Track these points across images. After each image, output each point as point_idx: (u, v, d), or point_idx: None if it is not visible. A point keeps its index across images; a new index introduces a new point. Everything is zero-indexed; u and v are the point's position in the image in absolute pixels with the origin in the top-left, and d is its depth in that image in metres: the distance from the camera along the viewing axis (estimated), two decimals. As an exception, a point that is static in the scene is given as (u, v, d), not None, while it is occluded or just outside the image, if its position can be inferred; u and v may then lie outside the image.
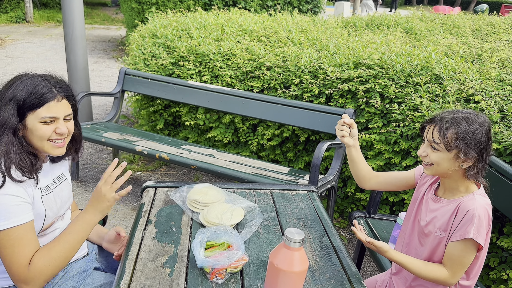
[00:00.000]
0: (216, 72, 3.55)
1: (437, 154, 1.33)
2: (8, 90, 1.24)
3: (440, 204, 1.41)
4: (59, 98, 1.27)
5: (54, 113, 1.26)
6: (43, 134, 1.26)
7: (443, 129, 1.30)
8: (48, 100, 1.24)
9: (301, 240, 0.93)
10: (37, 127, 1.24)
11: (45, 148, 1.29)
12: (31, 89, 1.23)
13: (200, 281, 1.22)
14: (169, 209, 1.61)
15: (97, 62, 8.15)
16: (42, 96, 1.23)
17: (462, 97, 2.61)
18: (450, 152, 1.30)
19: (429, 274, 1.34)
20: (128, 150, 3.18)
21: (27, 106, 1.22)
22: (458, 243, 1.30)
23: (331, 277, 1.28)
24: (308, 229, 1.56)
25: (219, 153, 3.20)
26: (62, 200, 1.44)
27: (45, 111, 1.24)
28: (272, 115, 3.16)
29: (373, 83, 2.84)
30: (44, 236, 1.37)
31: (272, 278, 0.96)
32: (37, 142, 1.27)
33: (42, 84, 1.25)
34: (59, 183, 1.45)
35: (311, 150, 3.29)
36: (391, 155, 2.74)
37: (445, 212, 1.37)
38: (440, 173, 1.37)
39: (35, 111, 1.23)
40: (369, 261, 2.83)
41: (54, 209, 1.38)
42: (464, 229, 1.28)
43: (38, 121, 1.24)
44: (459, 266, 1.32)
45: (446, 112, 1.35)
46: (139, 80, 3.75)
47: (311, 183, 2.51)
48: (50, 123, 1.27)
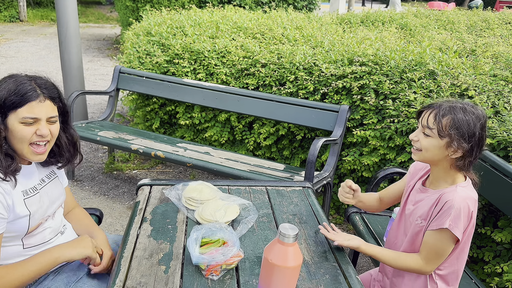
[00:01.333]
0: (211, 70, 3.55)
1: (429, 140, 1.33)
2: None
3: (426, 194, 1.43)
4: (41, 98, 1.23)
5: (35, 114, 1.22)
6: (23, 135, 1.21)
7: (439, 115, 1.29)
8: (30, 99, 1.20)
9: (295, 235, 0.93)
10: (18, 128, 1.20)
11: (24, 152, 1.25)
12: (14, 88, 1.20)
13: (196, 278, 1.22)
14: (164, 206, 1.61)
15: (91, 61, 8.12)
16: (23, 96, 1.19)
17: (456, 92, 2.62)
18: (442, 140, 1.30)
19: (402, 264, 1.38)
20: (123, 149, 3.18)
21: (7, 105, 1.19)
22: (435, 232, 1.32)
23: (326, 272, 1.29)
24: (303, 225, 1.56)
25: (215, 150, 3.20)
26: (50, 199, 1.40)
27: (26, 111, 1.20)
28: (268, 112, 3.17)
29: (367, 79, 2.85)
30: (33, 237, 1.34)
31: (266, 274, 0.96)
32: (17, 144, 1.23)
33: (27, 84, 1.22)
34: (48, 182, 1.42)
35: (306, 147, 3.30)
36: (386, 151, 2.75)
37: (428, 201, 1.39)
38: (427, 160, 1.38)
39: (16, 111, 1.19)
40: (365, 257, 2.85)
41: (41, 211, 1.34)
42: (441, 219, 1.30)
43: (19, 121, 1.20)
44: (434, 255, 1.34)
45: (445, 101, 1.35)
46: (134, 78, 3.74)
47: (307, 179, 2.52)
48: (32, 125, 1.22)
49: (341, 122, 2.85)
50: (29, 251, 1.34)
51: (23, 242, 1.31)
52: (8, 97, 1.19)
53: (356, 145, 3.02)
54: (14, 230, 1.26)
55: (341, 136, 2.85)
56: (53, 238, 1.42)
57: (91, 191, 3.46)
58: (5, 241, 1.27)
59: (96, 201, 3.31)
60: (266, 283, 0.97)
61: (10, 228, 1.25)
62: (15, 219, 1.25)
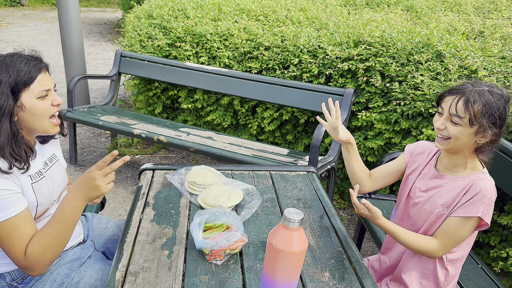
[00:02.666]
0: (214, 53, 3.49)
1: (458, 128, 1.25)
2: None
3: (443, 180, 1.37)
4: (43, 70, 1.25)
5: (46, 85, 1.23)
6: (44, 109, 1.23)
7: (469, 103, 1.21)
8: (37, 73, 1.21)
9: (300, 220, 0.91)
10: (37, 104, 1.21)
11: (45, 127, 1.26)
12: (17, 68, 1.19)
13: (199, 262, 1.21)
14: (167, 191, 1.59)
15: (93, 45, 8.05)
16: (30, 72, 1.20)
17: (464, 74, 2.57)
18: (472, 127, 1.23)
19: (418, 245, 1.32)
20: (126, 133, 3.15)
21: (20, 85, 1.18)
22: (460, 219, 1.28)
23: (331, 257, 1.27)
24: (308, 209, 1.54)
25: (218, 135, 3.17)
26: (55, 183, 1.39)
27: (38, 85, 1.21)
28: (271, 96, 3.12)
29: (373, 61, 2.79)
30: (39, 223, 1.34)
31: (271, 259, 0.94)
32: (37, 121, 1.23)
33: (23, 61, 1.21)
34: (51, 165, 1.40)
35: (310, 132, 3.26)
36: (392, 135, 2.71)
37: (452, 189, 1.33)
38: (455, 148, 1.30)
39: (29, 88, 1.19)
40: (369, 241, 2.84)
41: (47, 196, 1.33)
42: (474, 207, 1.25)
43: (35, 97, 1.21)
44: (452, 241, 1.30)
45: (468, 84, 1.27)
46: (136, 62, 3.69)
47: (311, 164, 2.49)
48: (46, 97, 1.24)
49: (346, 105, 2.80)
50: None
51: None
52: (17, 78, 1.18)
53: (361, 129, 2.98)
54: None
55: (346, 120, 2.81)
56: None
57: (94, 176, 3.45)
58: None
59: (100, 186, 3.30)
60: (271, 269, 0.95)
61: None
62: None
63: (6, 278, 1.31)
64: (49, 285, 1.31)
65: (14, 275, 1.31)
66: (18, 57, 1.21)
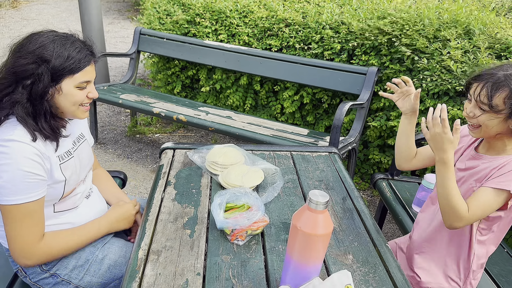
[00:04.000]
0: (233, 31, 3.43)
1: (486, 115, 1.19)
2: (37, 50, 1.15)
3: (481, 160, 1.31)
4: (92, 62, 1.25)
5: (88, 77, 1.24)
6: (78, 99, 1.23)
7: (495, 88, 1.16)
8: (86, 65, 1.22)
9: (325, 202, 0.88)
10: (73, 93, 1.21)
11: (75, 113, 1.27)
12: (67, 54, 1.17)
13: (221, 242, 1.20)
14: (188, 170, 1.59)
15: (112, 23, 8.04)
16: (80, 62, 1.20)
17: (494, 52, 2.46)
18: (501, 113, 1.17)
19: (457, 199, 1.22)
20: (145, 112, 3.16)
21: (66, 70, 1.17)
22: (491, 190, 1.21)
23: (354, 240, 1.25)
24: (330, 191, 1.51)
25: (237, 115, 3.15)
26: (82, 163, 1.39)
27: (82, 75, 1.21)
28: (291, 75, 3.07)
29: (399, 38, 2.69)
30: (64, 202, 1.34)
31: (295, 241, 0.93)
32: (69, 107, 1.23)
33: (77, 49, 1.20)
34: (79, 145, 1.40)
35: (331, 113, 3.20)
36: (416, 115, 2.64)
37: (487, 165, 1.28)
38: (489, 135, 1.25)
39: (73, 76, 1.19)
40: (390, 223, 2.81)
41: (75, 176, 1.33)
42: (507, 181, 1.19)
43: (75, 85, 1.21)
44: (479, 210, 1.22)
45: (496, 68, 1.21)
46: (155, 40, 3.67)
47: (332, 144, 2.45)
48: (84, 88, 1.24)
49: (369, 85, 2.73)
50: (59, 215, 1.33)
51: (54, 207, 1.31)
52: (64, 63, 1.17)
53: (383, 109, 2.90)
54: (50, 194, 1.25)
55: (368, 100, 2.75)
56: (80, 203, 1.42)
57: (114, 154, 3.49)
58: None
59: (120, 164, 3.34)
60: (295, 251, 0.93)
61: (47, 192, 1.24)
62: (52, 184, 1.24)
63: None
64: (74, 262, 1.33)
65: None
66: (72, 42, 1.20)
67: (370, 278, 1.09)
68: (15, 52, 1.18)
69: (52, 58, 1.15)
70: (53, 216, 1.32)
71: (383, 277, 1.10)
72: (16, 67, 1.15)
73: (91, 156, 1.49)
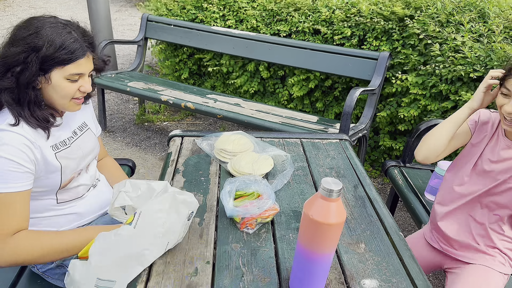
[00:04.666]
0: (241, 16, 3.38)
1: None
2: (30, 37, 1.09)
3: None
4: (87, 54, 1.17)
5: (82, 70, 1.16)
6: (68, 92, 1.17)
7: None
8: (79, 57, 1.14)
9: (338, 190, 0.85)
10: (63, 85, 1.15)
11: (65, 106, 1.20)
12: (60, 43, 1.10)
13: (230, 230, 1.18)
14: (196, 158, 1.57)
15: (119, 11, 8.00)
16: (73, 53, 1.12)
17: (510, 36, 2.38)
18: None
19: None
20: (153, 100, 3.14)
21: (56, 61, 1.11)
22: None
23: (366, 228, 1.22)
24: (341, 178, 1.48)
25: (246, 102, 3.11)
26: (83, 152, 1.35)
27: (74, 67, 1.14)
28: (300, 61, 3.01)
29: (410, 22, 2.63)
30: (66, 192, 1.31)
31: (306, 230, 0.90)
32: (58, 99, 1.17)
33: (72, 39, 1.13)
34: (81, 134, 1.36)
35: (341, 99, 3.15)
36: (428, 102, 2.58)
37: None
38: None
39: (63, 67, 1.12)
40: (401, 211, 2.77)
41: (73, 164, 1.29)
42: None
43: (65, 77, 1.14)
44: None
45: None
46: (162, 26, 3.63)
47: (342, 131, 2.41)
48: (75, 81, 1.17)
49: (380, 70, 2.67)
50: (63, 205, 1.32)
51: (57, 197, 1.29)
52: (55, 52, 1.10)
53: (395, 95, 2.85)
54: (47, 185, 1.23)
55: (379, 86, 2.69)
56: (86, 193, 1.40)
57: (123, 142, 3.49)
58: (39, 195, 1.25)
59: (129, 152, 3.34)
60: (306, 240, 0.91)
61: (43, 183, 1.21)
62: (47, 174, 1.21)
63: None
64: None
65: None
66: (68, 32, 1.13)
67: (383, 267, 1.07)
68: (9, 39, 1.13)
69: (43, 46, 1.09)
70: (56, 207, 1.30)
71: (396, 266, 1.08)
72: (8, 56, 1.09)
73: (96, 145, 1.44)
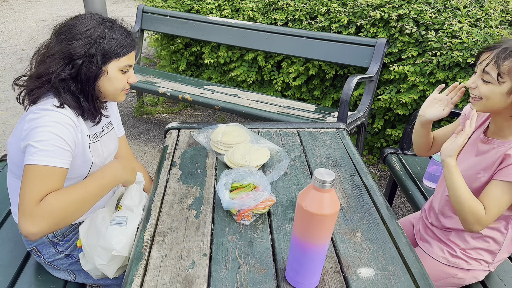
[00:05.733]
0: (237, 5, 3.35)
1: (488, 86, 1.16)
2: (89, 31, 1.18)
3: (490, 145, 1.27)
4: (135, 48, 1.29)
5: (131, 62, 1.28)
6: (120, 83, 1.27)
7: (499, 59, 1.12)
8: (132, 50, 1.27)
9: (331, 181, 0.85)
10: (117, 76, 1.25)
11: (116, 97, 1.30)
12: (117, 37, 1.22)
13: (227, 222, 1.19)
14: (193, 151, 1.57)
15: (116, 2, 7.93)
16: (127, 46, 1.24)
17: (507, 20, 2.36)
18: (502, 85, 1.14)
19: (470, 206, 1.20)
20: (151, 92, 3.13)
21: (114, 53, 1.21)
22: (502, 184, 1.18)
23: (363, 217, 1.23)
24: (338, 168, 1.49)
25: (243, 92, 3.10)
26: (108, 150, 1.39)
27: (126, 59, 1.26)
28: (298, 50, 2.99)
29: (407, 8, 2.60)
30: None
31: (301, 221, 0.90)
32: (112, 90, 1.27)
33: (125, 33, 1.25)
34: (107, 131, 1.40)
35: (339, 86, 3.14)
36: (426, 87, 2.57)
37: (495, 153, 1.23)
38: (489, 109, 1.21)
39: (119, 59, 1.23)
40: (400, 197, 2.78)
41: (101, 158, 1.33)
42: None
43: (119, 68, 1.25)
44: (497, 208, 1.19)
45: (506, 40, 1.16)
46: (158, 17, 3.60)
47: (340, 120, 2.41)
48: (126, 72, 1.28)
49: (378, 57, 2.66)
50: None
51: None
52: (113, 45, 1.21)
53: (393, 82, 2.83)
54: (75, 173, 1.26)
55: (377, 73, 2.68)
56: None
57: (122, 135, 3.49)
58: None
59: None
60: (301, 231, 0.91)
61: (74, 171, 1.24)
62: (81, 161, 1.25)
63: (48, 235, 1.33)
64: None
65: (56, 232, 1.34)
66: (119, 27, 1.25)
67: (379, 256, 1.08)
68: (65, 35, 1.19)
69: (102, 40, 1.19)
70: None
71: (392, 254, 1.09)
72: (70, 49, 1.16)
73: (116, 146, 1.48)
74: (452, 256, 1.39)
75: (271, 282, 0.99)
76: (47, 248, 1.34)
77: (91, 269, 1.28)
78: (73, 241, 1.37)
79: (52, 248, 1.34)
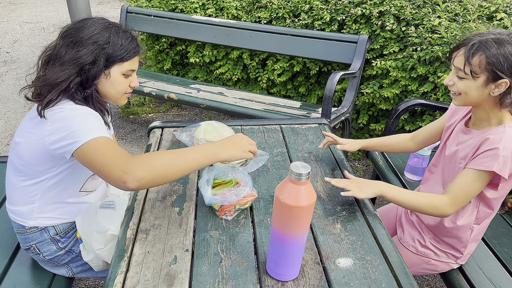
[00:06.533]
0: (221, 4, 3.36)
1: (464, 82, 1.20)
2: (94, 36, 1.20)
3: (469, 135, 1.30)
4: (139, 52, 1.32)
5: (134, 66, 1.30)
6: (123, 87, 1.29)
7: (469, 55, 1.15)
8: (136, 54, 1.29)
9: (307, 174, 0.87)
10: (120, 80, 1.28)
11: (118, 100, 1.33)
12: (121, 41, 1.24)
13: (210, 218, 1.21)
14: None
15: (101, 3, 7.88)
16: (131, 51, 1.26)
17: (485, 14, 2.41)
18: (477, 80, 1.17)
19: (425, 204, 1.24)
20: (136, 92, 3.13)
21: (118, 58, 1.24)
22: (473, 172, 1.21)
23: (342, 209, 1.25)
24: (319, 162, 1.51)
25: (229, 90, 3.12)
26: None
27: (130, 64, 1.28)
28: (282, 48, 3.02)
29: (388, 4, 2.64)
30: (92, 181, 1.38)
31: (278, 214, 0.93)
32: (114, 93, 1.29)
33: (130, 38, 1.27)
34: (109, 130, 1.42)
35: (324, 83, 3.17)
36: (408, 82, 2.61)
37: (472, 142, 1.27)
38: (469, 103, 1.25)
39: (122, 64, 1.26)
40: (385, 191, 2.82)
41: None
42: (488, 161, 1.17)
43: (122, 72, 1.27)
44: (464, 195, 1.22)
45: (476, 35, 1.19)
46: (142, 17, 3.59)
47: (324, 116, 2.44)
48: (128, 77, 1.30)
49: (360, 53, 2.69)
50: (82, 195, 1.38)
51: (83, 185, 1.36)
52: (117, 50, 1.23)
53: (376, 77, 2.87)
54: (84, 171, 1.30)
55: (360, 69, 2.71)
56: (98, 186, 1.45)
57: (109, 136, 3.48)
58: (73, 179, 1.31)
59: (115, 146, 3.33)
60: (279, 223, 0.94)
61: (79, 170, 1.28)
62: None
63: (50, 231, 1.35)
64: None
65: (58, 229, 1.36)
66: (124, 32, 1.27)
67: (358, 246, 1.10)
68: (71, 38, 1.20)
69: (108, 44, 1.22)
70: (78, 195, 1.36)
71: (371, 245, 1.11)
72: (79, 58, 1.19)
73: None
74: (421, 246, 1.44)
75: (252, 275, 1.01)
76: (48, 245, 1.36)
77: (92, 259, 1.32)
78: (74, 237, 1.39)
79: (53, 245, 1.36)
